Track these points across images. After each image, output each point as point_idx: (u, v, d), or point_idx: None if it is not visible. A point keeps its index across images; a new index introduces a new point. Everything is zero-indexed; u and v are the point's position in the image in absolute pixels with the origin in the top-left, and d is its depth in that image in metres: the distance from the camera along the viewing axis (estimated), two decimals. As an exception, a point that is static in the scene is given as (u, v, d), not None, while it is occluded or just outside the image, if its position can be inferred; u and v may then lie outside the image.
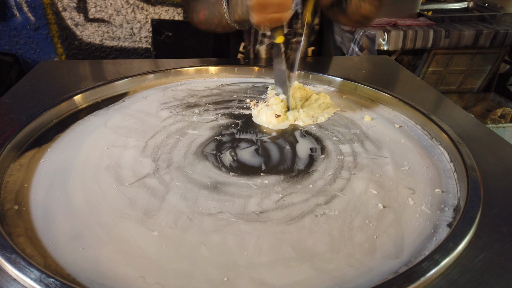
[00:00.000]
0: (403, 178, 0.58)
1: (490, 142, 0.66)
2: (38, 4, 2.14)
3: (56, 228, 0.47)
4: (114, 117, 0.74)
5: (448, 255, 0.42)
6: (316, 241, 0.46)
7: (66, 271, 0.41)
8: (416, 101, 0.77)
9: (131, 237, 0.46)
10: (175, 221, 0.49)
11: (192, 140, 0.67)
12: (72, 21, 2.21)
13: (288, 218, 0.50)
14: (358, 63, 1.06)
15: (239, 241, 0.46)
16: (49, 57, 2.31)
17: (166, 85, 0.89)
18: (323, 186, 0.56)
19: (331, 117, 0.76)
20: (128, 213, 0.50)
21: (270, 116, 0.73)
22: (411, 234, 0.47)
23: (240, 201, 0.53)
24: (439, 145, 0.66)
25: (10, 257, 0.40)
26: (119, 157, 0.62)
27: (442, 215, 0.51)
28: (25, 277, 0.38)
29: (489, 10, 2.12)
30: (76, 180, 0.56)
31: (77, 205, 0.51)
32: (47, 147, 0.64)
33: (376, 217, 0.50)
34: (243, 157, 0.63)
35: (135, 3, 2.20)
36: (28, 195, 0.53)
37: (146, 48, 2.34)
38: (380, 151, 0.65)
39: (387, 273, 0.42)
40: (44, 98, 0.77)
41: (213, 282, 0.41)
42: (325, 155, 0.64)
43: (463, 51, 2.07)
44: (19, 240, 0.45)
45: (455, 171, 0.59)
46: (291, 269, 0.43)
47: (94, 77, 0.89)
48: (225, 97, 0.84)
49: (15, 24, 2.17)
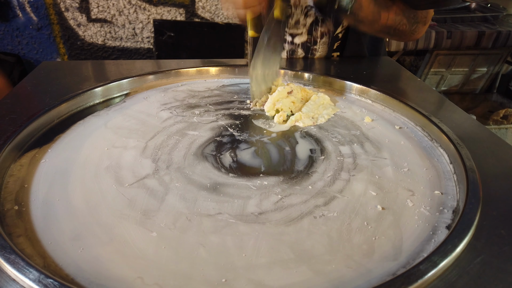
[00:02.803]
0: (403, 180, 0.58)
1: (491, 144, 0.66)
2: (40, 4, 2.14)
3: (56, 229, 0.47)
4: (114, 117, 0.74)
5: (447, 257, 0.42)
6: (315, 243, 0.46)
7: (65, 271, 0.42)
8: (417, 103, 0.77)
9: (130, 238, 0.46)
10: (174, 222, 0.49)
11: (192, 141, 0.68)
12: (75, 21, 2.22)
13: (287, 219, 0.50)
14: (359, 64, 1.06)
15: (238, 242, 0.46)
16: (52, 57, 2.32)
17: (166, 86, 0.89)
18: (322, 187, 0.56)
19: (331, 118, 0.76)
20: (127, 214, 0.50)
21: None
22: (410, 236, 0.47)
23: (239, 202, 0.53)
24: (439, 147, 0.66)
25: (9, 257, 0.40)
26: (119, 157, 0.62)
27: (441, 217, 0.50)
28: (24, 277, 0.38)
29: (492, 11, 2.12)
30: (76, 180, 0.57)
31: (76, 206, 0.51)
32: (48, 147, 0.64)
33: (375, 218, 0.50)
34: (243, 158, 0.63)
35: (137, 4, 2.21)
36: (28, 196, 0.53)
37: (148, 48, 2.35)
38: (380, 152, 0.65)
39: (385, 275, 0.42)
40: (45, 99, 0.77)
41: (212, 283, 0.41)
42: (325, 156, 0.64)
43: (465, 52, 2.07)
44: (19, 241, 0.45)
45: (454, 173, 0.59)
46: (289, 270, 0.43)
47: (95, 78, 0.89)
48: (226, 98, 0.84)
49: (18, 24, 2.18)
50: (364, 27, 0.89)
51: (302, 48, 1.02)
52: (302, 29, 0.99)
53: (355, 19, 0.85)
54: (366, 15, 0.84)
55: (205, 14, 2.23)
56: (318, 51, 1.03)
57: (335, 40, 1.02)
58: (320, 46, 1.02)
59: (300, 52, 1.03)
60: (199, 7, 2.21)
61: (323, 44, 1.02)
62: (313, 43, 1.01)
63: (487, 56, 2.12)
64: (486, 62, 2.16)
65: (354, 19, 0.85)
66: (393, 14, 0.86)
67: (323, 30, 0.99)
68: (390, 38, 1.67)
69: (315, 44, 1.01)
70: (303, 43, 1.01)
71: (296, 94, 0.78)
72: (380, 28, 0.88)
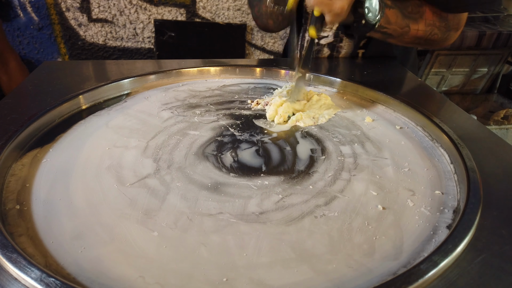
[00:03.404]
0: (403, 180, 0.58)
1: (491, 144, 0.66)
2: (41, 4, 2.15)
3: (57, 228, 0.48)
4: (115, 117, 0.75)
5: (447, 256, 0.42)
6: (316, 242, 0.46)
7: (67, 270, 0.42)
8: (418, 103, 0.77)
9: (131, 237, 0.46)
10: (175, 222, 0.49)
11: (193, 140, 0.68)
12: (76, 21, 2.22)
13: (287, 219, 0.50)
14: (360, 64, 1.06)
15: (239, 242, 0.46)
16: (52, 57, 2.32)
17: (167, 86, 0.89)
18: (323, 187, 0.56)
19: (332, 118, 0.76)
20: (128, 213, 0.50)
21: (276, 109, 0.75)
22: (410, 236, 0.48)
23: (240, 202, 0.53)
24: (439, 147, 0.66)
25: (11, 256, 0.41)
26: (120, 157, 0.62)
27: (442, 216, 0.51)
28: (26, 276, 0.39)
29: (492, 11, 2.11)
30: (77, 180, 0.57)
31: (78, 205, 0.52)
32: (49, 147, 0.64)
33: (376, 218, 0.50)
34: (244, 158, 0.63)
35: (138, 4, 2.21)
36: (30, 195, 0.53)
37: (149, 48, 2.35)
38: (380, 152, 0.65)
39: (385, 275, 0.42)
40: (47, 98, 0.77)
41: (213, 282, 0.41)
42: (326, 156, 0.64)
43: (466, 52, 2.06)
44: (21, 240, 0.46)
45: (455, 173, 0.59)
46: (290, 270, 0.43)
47: (96, 78, 0.89)
48: (227, 98, 0.85)
49: (19, 24, 2.18)
50: (393, 40, 0.85)
51: (328, 47, 1.03)
52: (329, 32, 0.99)
53: (383, 34, 0.82)
54: (395, 29, 0.81)
55: (206, 14, 2.23)
56: (344, 48, 1.03)
57: (361, 38, 1.02)
58: (346, 43, 1.01)
59: (326, 50, 1.03)
60: (200, 7, 2.21)
61: (347, 41, 1.01)
62: (339, 41, 1.01)
63: (487, 56, 2.12)
64: (487, 62, 2.15)
65: (382, 34, 0.82)
66: (423, 25, 0.82)
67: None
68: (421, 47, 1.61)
69: (340, 42, 1.01)
70: (329, 43, 1.02)
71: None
72: (411, 40, 0.85)
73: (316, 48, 1.03)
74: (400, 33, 0.82)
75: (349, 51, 1.04)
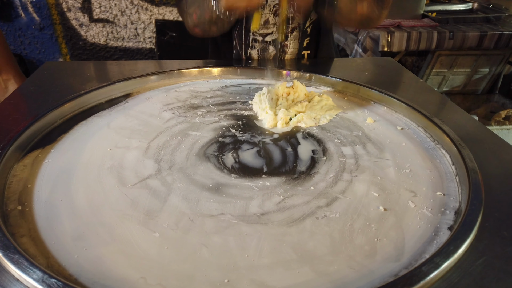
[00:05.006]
0: (405, 181, 0.58)
1: (493, 145, 0.66)
2: (43, 5, 2.15)
3: (59, 229, 0.48)
4: (117, 118, 0.75)
5: (449, 258, 0.42)
6: (317, 243, 0.46)
7: (68, 271, 0.42)
8: (419, 103, 0.77)
9: (133, 238, 0.47)
10: (177, 223, 0.49)
11: (195, 141, 0.68)
12: (77, 21, 2.23)
13: (289, 220, 0.50)
14: (361, 64, 1.06)
15: (240, 243, 0.46)
16: (54, 57, 2.33)
17: (169, 86, 0.89)
18: (325, 188, 0.56)
19: (333, 119, 0.76)
20: (130, 214, 0.50)
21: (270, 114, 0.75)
22: (412, 237, 0.48)
23: (241, 203, 0.53)
24: (441, 148, 0.66)
25: (13, 257, 0.41)
26: (121, 158, 0.62)
27: (443, 218, 0.51)
28: (28, 277, 0.39)
29: (494, 12, 2.11)
30: (79, 181, 0.57)
31: (79, 206, 0.52)
32: (51, 147, 0.64)
33: (377, 219, 0.50)
34: (245, 159, 0.63)
35: (139, 4, 2.21)
36: (32, 196, 0.53)
37: (150, 48, 2.35)
38: (382, 153, 0.65)
39: (387, 276, 0.42)
40: (48, 99, 0.78)
41: (214, 283, 0.41)
42: (327, 157, 0.64)
43: (467, 53, 2.06)
44: (22, 241, 0.46)
45: (456, 174, 0.59)
46: (292, 271, 0.43)
47: (98, 78, 0.89)
48: (228, 98, 0.85)
49: (20, 24, 2.18)
50: (342, 19, 0.91)
51: (273, 45, 1.03)
52: (273, 28, 1.00)
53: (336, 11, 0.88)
54: (345, 5, 0.87)
55: (207, 15, 2.23)
56: (290, 47, 1.03)
57: (304, 35, 1.03)
58: (291, 42, 1.02)
59: (272, 49, 1.04)
60: (201, 8, 2.21)
61: (293, 39, 1.02)
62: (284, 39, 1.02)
63: (489, 57, 2.11)
64: (488, 63, 2.15)
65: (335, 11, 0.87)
66: (366, 3, 0.88)
67: (293, 26, 1.00)
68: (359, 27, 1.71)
69: (286, 40, 1.02)
70: (274, 40, 1.03)
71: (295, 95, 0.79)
72: (356, 17, 0.90)
73: (261, 46, 1.03)
74: (349, 11, 0.88)
75: (295, 50, 1.05)
